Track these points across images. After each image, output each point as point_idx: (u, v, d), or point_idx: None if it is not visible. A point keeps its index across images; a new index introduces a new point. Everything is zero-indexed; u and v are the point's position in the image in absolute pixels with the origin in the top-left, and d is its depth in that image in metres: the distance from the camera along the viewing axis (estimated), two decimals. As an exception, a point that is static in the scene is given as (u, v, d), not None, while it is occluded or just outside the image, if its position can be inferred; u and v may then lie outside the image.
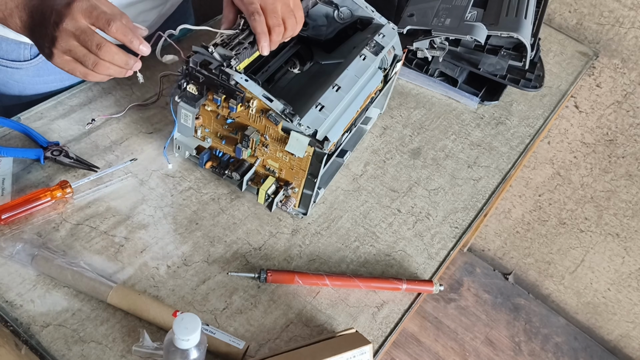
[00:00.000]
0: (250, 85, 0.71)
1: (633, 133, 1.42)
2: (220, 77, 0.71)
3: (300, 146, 0.72)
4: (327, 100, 0.75)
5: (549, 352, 1.77)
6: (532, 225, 1.76)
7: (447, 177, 0.95)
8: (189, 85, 0.74)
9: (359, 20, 0.91)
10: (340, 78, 0.78)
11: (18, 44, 0.87)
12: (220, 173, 0.81)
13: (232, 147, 0.79)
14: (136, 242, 0.74)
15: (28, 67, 0.90)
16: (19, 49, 0.87)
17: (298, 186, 0.79)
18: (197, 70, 0.72)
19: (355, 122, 0.83)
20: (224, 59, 0.72)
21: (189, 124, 0.79)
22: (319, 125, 0.72)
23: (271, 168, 0.79)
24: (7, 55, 0.88)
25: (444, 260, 0.83)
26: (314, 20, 0.92)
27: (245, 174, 0.79)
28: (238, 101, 0.72)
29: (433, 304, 1.80)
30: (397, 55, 0.92)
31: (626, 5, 1.28)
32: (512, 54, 1.07)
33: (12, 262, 0.69)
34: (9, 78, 0.91)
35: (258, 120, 0.74)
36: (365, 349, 0.65)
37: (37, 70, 0.91)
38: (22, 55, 0.88)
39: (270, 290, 0.73)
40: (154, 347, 0.64)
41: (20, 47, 0.87)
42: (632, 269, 1.63)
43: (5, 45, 0.87)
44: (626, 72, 1.35)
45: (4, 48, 0.87)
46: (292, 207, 0.81)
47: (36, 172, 0.79)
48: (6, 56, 0.88)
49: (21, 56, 0.88)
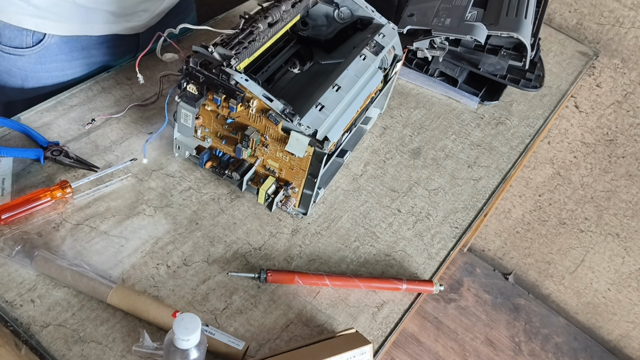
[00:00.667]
0: (250, 85, 0.71)
1: (633, 133, 1.42)
2: (220, 77, 0.71)
3: (301, 146, 0.72)
4: (327, 100, 0.75)
5: (549, 352, 1.77)
6: (532, 225, 1.76)
7: (447, 177, 0.95)
8: (189, 85, 0.74)
9: (359, 20, 0.91)
10: (341, 78, 0.78)
11: (21, 30, 0.88)
12: (220, 173, 0.81)
13: (232, 147, 0.79)
14: (136, 242, 0.74)
15: (30, 55, 0.91)
16: (21, 35, 0.88)
17: (298, 186, 0.78)
18: (197, 70, 0.72)
19: (356, 122, 0.83)
20: (223, 58, 0.71)
21: (189, 124, 0.78)
22: (319, 125, 0.72)
23: (271, 168, 0.79)
24: (10, 43, 0.89)
25: (444, 260, 0.83)
26: (313, 20, 0.92)
27: (245, 173, 0.79)
28: (238, 101, 0.72)
29: (433, 304, 1.80)
30: (397, 55, 0.92)
31: (626, 5, 1.28)
32: (512, 54, 1.07)
33: (12, 262, 0.69)
34: (12, 66, 0.92)
35: (258, 120, 0.74)
36: (365, 349, 0.65)
37: (39, 57, 0.92)
38: (24, 42, 0.89)
39: (270, 290, 0.73)
40: (154, 347, 0.64)
41: (23, 34, 0.88)
42: (632, 269, 1.63)
43: (9, 32, 0.88)
44: (626, 72, 1.35)
45: (7, 35, 0.88)
46: (292, 207, 0.80)
47: (36, 172, 0.79)
48: (9, 43, 0.89)
49: (24, 43, 0.89)
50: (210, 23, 1.11)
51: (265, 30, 0.78)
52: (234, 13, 1.14)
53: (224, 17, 1.14)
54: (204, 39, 1.06)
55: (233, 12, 1.15)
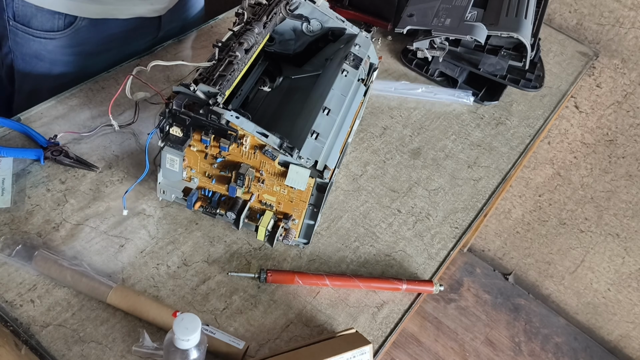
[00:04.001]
0: (242, 122, 0.67)
1: (633, 133, 1.42)
2: (209, 118, 0.66)
3: (301, 179, 0.68)
4: (321, 127, 0.71)
5: (549, 353, 1.77)
6: (532, 225, 1.76)
7: (447, 177, 0.95)
8: (172, 128, 0.68)
9: (331, 31, 0.88)
10: (328, 99, 0.75)
11: (53, 14, 0.91)
12: (211, 213, 0.76)
13: (223, 186, 0.74)
14: (136, 242, 0.74)
15: (61, 38, 0.94)
16: (53, 19, 0.92)
17: (298, 217, 0.74)
18: (183, 112, 0.66)
19: (348, 141, 0.80)
20: (208, 96, 0.67)
21: (176, 169, 0.73)
22: (318, 155, 0.68)
23: (268, 202, 0.74)
24: (41, 26, 0.92)
25: (444, 260, 0.83)
26: (280, 34, 0.88)
27: (241, 212, 0.73)
28: (231, 141, 0.68)
29: (433, 304, 1.80)
30: (373, 64, 0.89)
31: (626, 5, 1.28)
32: (512, 54, 1.07)
33: (12, 262, 0.69)
34: (42, 49, 0.95)
35: (252, 157, 0.69)
36: (365, 349, 0.65)
37: (69, 40, 0.95)
38: (56, 26, 0.92)
39: (270, 290, 0.73)
40: (154, 347, 0.64)
41: (55, 17, 0.92)
42: (632, 269, 1.63)
43: (41, 16, 0.91)
44: (626, 72, 1.35)
45: (39, 19, 0.91)
46: (293, 239, 0.76)
47: (36, 172, 0.79)
48: (41, 27, 0.92)
49: (55, 26, 0.92)
50: (210, 24, 1.11)
51: (243, 57, 0.74)
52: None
53: (224, 17, 1.14)
54: (203, 39, 1.06)
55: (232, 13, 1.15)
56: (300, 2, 0.85)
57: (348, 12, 1.18)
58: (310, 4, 0.86)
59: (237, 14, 0.81)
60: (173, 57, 1.00)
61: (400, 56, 1.15)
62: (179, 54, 1.01)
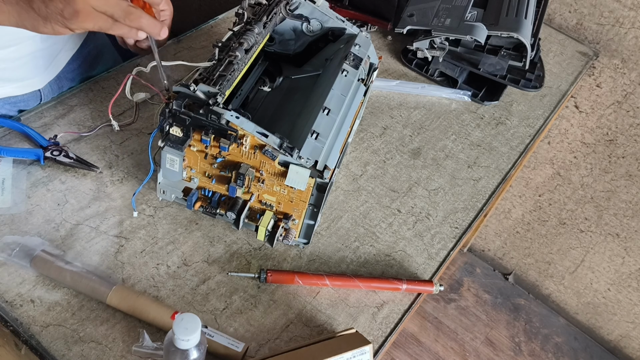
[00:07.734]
0: (242, 122, 0.67)
1: (633, 133, 1.42)
2: (209, 118, 0.67)
3: (301, 179, 0.69)
4: (321, 127, 0.72)
5: (549, 353, 1.77)
6: (532, 225, 1.76)
7: (447, 177, 0.95)
8: (172, 128, 0.69)
9: (331, 31, 0.88)
10: (328, 99, 0.75)
11: None
12: (211, 213, 0.77)
13: (223, 186, 0.74)
14: (136, 242, 0.74)
15: None
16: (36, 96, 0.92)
17: (298, 217, 0.74)
18: (183, 112, 0.67)
19: (348, 141, 0.80)
20: (208, 96, 0.67)
21: (176, 169, 0.73)
22: (318, 155, 0.69)
23: (267, 202, 0.74)
24: None
25: (444, 260, 0.83)
26: (280, 34, 0.88)
27: (241, 212, 0.74)
28: (231, 141, 0.68)
29: (433, 304, 1.80)
30: (373, 64, 0.89)
31: (626, 5, 1.28)
32: (512, 54, 1.07)
33: (12, 262, 0.69)
34: None
35: (252, 157, 0.70)
36: (365, 349, 0.65)
37: None
38: None
39: (270, 290, 0.73)
40: (154, 348, 0.64)
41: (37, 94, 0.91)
42: (632, 269, 1.63)
43: None
44: (626, 72, 1.35)
45: None
46: (293, 239, 0.76)
47: (36, 172, 0.79)
48: None
49: None
50: (210, 24, 1.11)
51: (243, 57, 0.74)
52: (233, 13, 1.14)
53: (224, 17, 1.14)
54: (203, 39, 1.06)
55: (232, 13, 1.15)
56: (300, 2, 0.85)
57: (348, 12, 1.18)
58: (310, 4, 0.86)
59: (237, 14, 0.81)
60: (173, 57, 1.00)
61: (400, 56, 1.15)
62: (179, 54, 1.01)
